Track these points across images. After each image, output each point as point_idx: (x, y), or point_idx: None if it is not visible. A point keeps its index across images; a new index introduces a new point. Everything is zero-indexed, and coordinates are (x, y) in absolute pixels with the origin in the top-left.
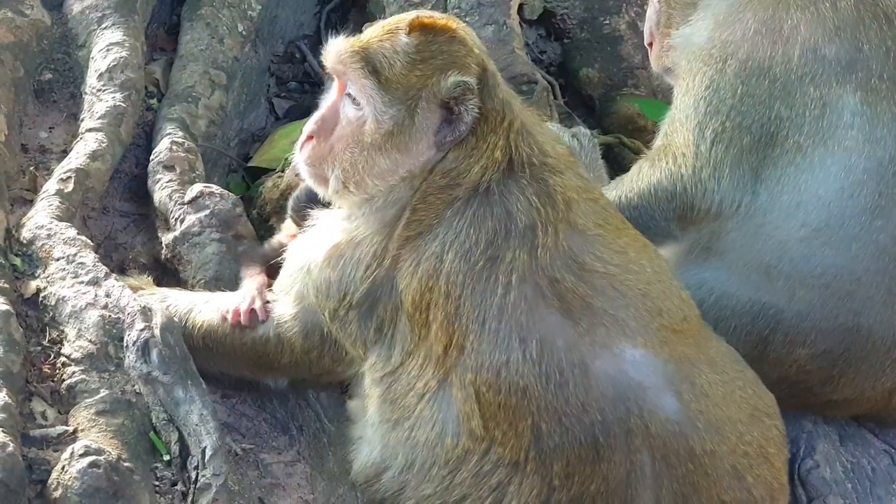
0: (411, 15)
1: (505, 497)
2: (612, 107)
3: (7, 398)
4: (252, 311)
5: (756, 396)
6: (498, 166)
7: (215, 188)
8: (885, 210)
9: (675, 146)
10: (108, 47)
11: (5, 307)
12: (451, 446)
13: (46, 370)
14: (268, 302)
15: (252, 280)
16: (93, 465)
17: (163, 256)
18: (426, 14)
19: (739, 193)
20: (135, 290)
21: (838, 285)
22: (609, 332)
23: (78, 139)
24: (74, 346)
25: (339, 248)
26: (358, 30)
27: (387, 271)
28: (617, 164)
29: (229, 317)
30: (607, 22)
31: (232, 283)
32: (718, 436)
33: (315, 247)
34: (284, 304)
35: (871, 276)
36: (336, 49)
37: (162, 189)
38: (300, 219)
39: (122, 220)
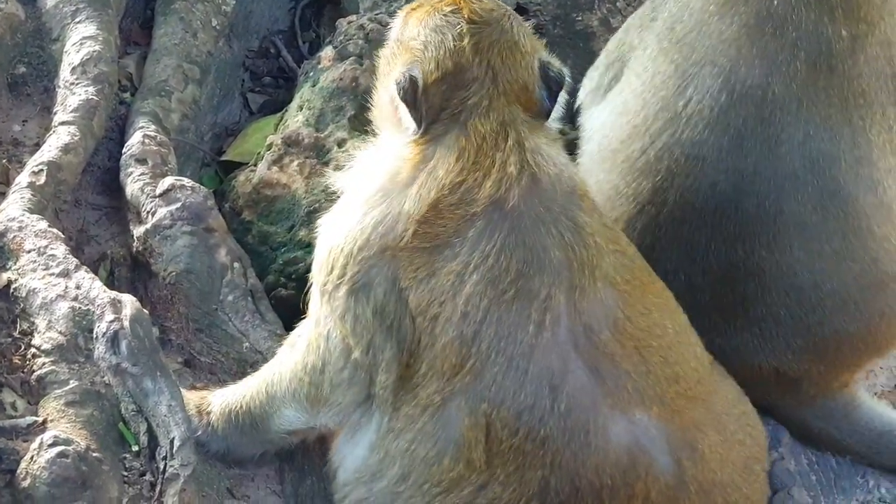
0: None
1: None
2: None
3: None
4: None
5: (753, 442)
6: (516, 182)
7: (187, 181)
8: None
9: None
10: (81, 41)
11: None
12: (447, 468)
13: (17, 361)
14: None
15: None
16: (61, 455)
17: (134, 249)
18: None
19: (585, 116)
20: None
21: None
22: (630, 398)
23: (51, 132)
24: (45, 337)
25: (329, 220)
26: (332, 26)
27: (384, 261)
28: None
29: None
30: (580, 18)
31: (203, 276)
32: (706, 498)
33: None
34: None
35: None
36: None
37: (134, 182)
38: None
39: (94, 212)
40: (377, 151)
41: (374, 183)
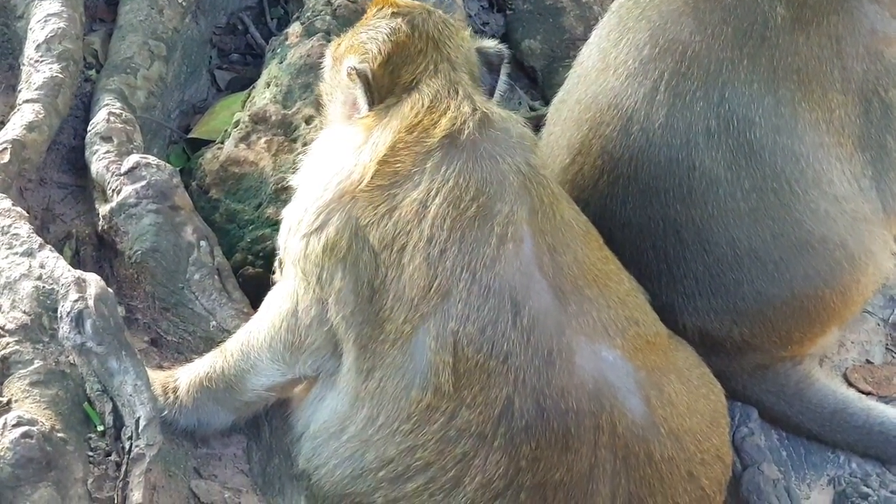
0: None
1: (469, 470)
2: (554, 78)
3: None
4: None
5: (716, 399)
6: (469, 118)
7: (152, 159)
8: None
9: None
10: (46, 18)
11: None
12: (415, 399)
13: None
14: None
15: None
16: (25, 435)
17: (100, 228)
18: None
19: None
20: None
21: None
22: (595, 326)
23: (15, 110)
24: (8, 317)
25: (291, 205)
26: (300, 2)
27: (342, 205)
28: None
29: None
30: None
31: (169, 254)
32: (678, 444)
33: None
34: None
35: None
36: None
37: (99, 160)
38: None
39: (59, 191)
40: (329, 141)
41: (330, 156)
